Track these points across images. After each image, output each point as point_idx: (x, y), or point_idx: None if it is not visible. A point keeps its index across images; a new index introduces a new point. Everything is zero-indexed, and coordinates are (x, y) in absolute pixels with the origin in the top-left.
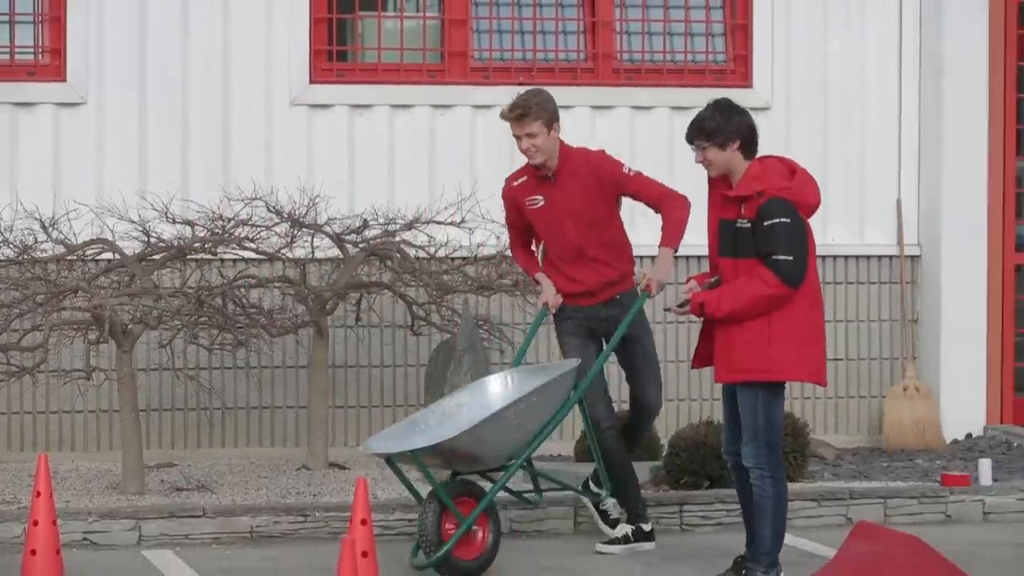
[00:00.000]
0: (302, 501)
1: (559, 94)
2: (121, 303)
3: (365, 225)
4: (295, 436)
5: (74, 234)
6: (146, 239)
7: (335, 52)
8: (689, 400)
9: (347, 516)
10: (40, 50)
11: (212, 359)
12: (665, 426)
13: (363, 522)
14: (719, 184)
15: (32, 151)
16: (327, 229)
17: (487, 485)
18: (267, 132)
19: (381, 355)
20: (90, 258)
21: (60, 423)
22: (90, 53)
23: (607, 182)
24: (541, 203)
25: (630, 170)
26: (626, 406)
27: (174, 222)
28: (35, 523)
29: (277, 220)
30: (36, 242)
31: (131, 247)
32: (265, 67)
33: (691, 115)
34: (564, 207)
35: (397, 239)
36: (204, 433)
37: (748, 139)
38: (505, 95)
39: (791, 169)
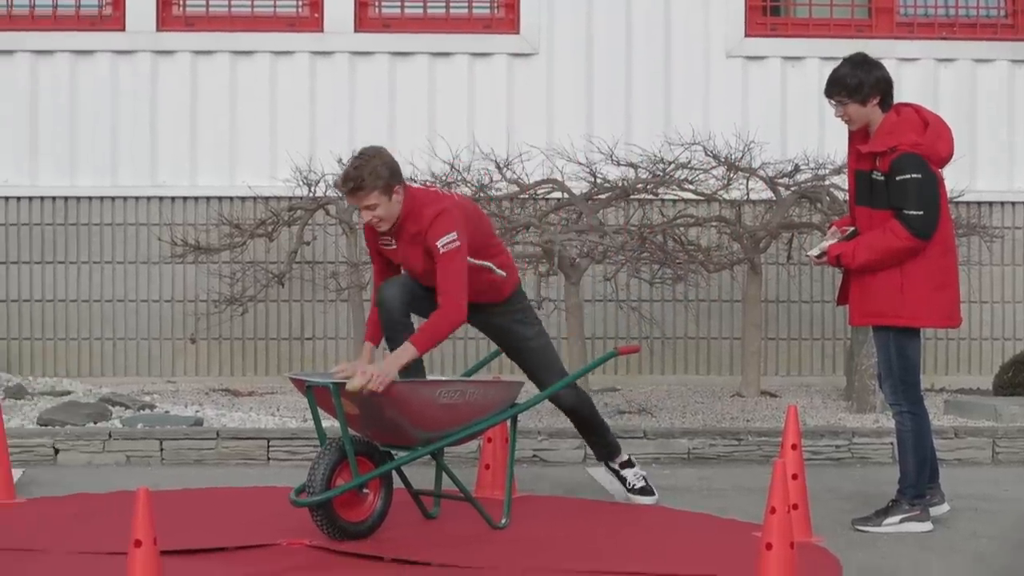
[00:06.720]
0: (736, 426)
1: (981, 49)
2: (569, 239)
3: (796, 169)
4: (729, 365)
5: (526, 174)
6: (592, 180)
7: (769, 7)
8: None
9: (778, 441)
10: (495, 4)
11: (653, 292)
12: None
13: (793, 447)
14: (856, 137)
15: (487, 97)
16: (761, 173)
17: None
18: (704, 82)
19: (811, 291)
20: (541, 196)
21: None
22: (541, 9)
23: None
24: (393, 246)
25: (446, 246)
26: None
27: (619, 164)
28: (488, 440)
29: (714, 164)
30: (492, 181)
31: (579, 187)
32: (703, 22)
33: None
34: (409, 259)
35: (827, 183)
36: (645, 361)
37: (887, 92)
38: (928, 50)
39: (925, 121)
